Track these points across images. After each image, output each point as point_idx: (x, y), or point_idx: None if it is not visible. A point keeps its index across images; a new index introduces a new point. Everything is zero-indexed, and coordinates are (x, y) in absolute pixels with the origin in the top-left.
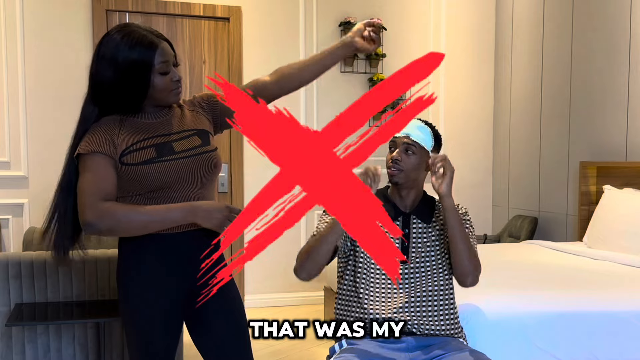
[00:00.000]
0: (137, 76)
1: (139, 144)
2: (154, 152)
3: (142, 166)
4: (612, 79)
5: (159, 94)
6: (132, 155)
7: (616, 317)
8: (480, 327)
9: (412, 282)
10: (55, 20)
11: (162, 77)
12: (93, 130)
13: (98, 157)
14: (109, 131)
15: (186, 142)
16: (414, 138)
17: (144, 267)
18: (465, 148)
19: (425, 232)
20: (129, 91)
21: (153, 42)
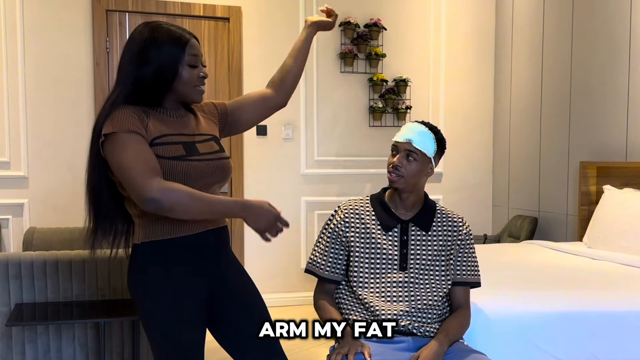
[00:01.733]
0: (166, 64)
1: (167, 137)
2: (182, 149)
3: (172, 161)
4: (612, 79)
5: (184, 87)
6: (162, 147)
7: (616, 317)
8: (480, 327)
9: (411, 291)
10: (55, 20)
11: (190, 70)
12: (124, 112)
13: (135, 136)
14: (139, 116)
15: (207, 145)
16: (416, 145)
17: (172, 266)
18: (465, 148)
19: (424, 241)
20: (156, 79)
21: (184, 36)
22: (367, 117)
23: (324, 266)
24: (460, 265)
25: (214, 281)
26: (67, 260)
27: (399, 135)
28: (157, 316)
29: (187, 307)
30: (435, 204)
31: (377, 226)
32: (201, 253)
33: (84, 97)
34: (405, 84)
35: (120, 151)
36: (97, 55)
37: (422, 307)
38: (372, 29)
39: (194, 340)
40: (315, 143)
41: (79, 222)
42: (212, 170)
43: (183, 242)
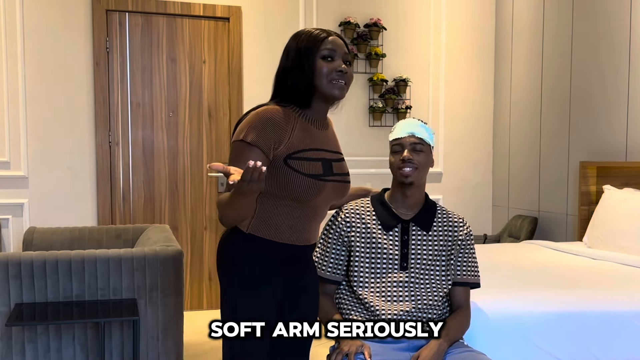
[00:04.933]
0: (304, 59)
1: (308, 152)
2: (320, 167)
3: (308, 178)
4: (612, 79)
5: (321, 81)
6: (301, 162)
7: (616, 317)
8: (480, 327)
9: (412, 291)
10: (55, 21)
11: (325, 62)
12: (265, 120)
13: (258, 153)
14: (281, 126)
15: (340, 165)
16: (419, 135)
17: (272, 270)
18: (465, 148)
19: (425, 241)
20: (299, 75)
21: (322, 33)
22: (367, 117)
23: (326, 267)
24: (461, 266)
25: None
26: (67, 260)
27: (399, 132)
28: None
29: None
30: (436, 204)
31: (378, 226)
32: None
33: (84, 97)
34: (405, 83)
35: (236, 160)
36: (97, 55)
37: (423, 307)
38: (372, 29)
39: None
40: None
41: (79, 222)
42: (337, 190)
43: (286, 249)
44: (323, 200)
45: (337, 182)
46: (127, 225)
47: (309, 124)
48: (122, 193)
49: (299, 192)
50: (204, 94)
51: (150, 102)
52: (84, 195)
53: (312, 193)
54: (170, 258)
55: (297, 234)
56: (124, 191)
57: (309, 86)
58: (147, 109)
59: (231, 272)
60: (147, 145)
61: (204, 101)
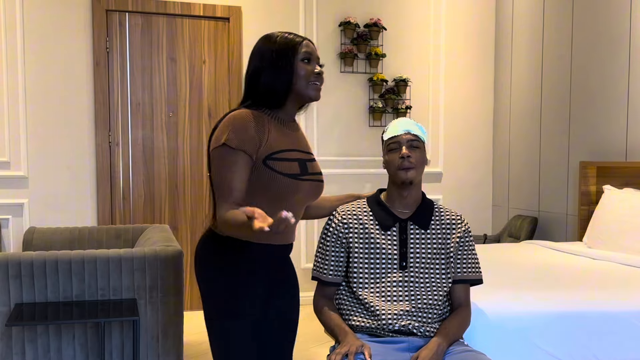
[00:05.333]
0: (282, 60)
1: (285, 153)
2: (297, 167)
3: (286, 178)
4: (612, 79)
5: (300, 82)
6: (280, 163)
7: (616, 317)
8: (480, 327)
9: (411, 290)
10: (55, 20)
11: (304, 65)
12: (244, 123)
13: (242, 156)
14: (259, 128)
15: (314, 165)
16: (415, 132)
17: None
18: (465, 148)
19: (423, 239)
20: (276, 78)
21: (297, 37)
22: (367, 117)
23: (327, 270)
24: (461, 263)
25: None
26: (67, 260)
27: (395, 130)
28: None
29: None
30: (433, 202)
31: (376, 226)
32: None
33: (84, 97)
34: (405, 84)
35: (222, 165)
36: (97, 55)
37: (423, 306)
38: (372, 29)
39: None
40: (315, 143)
41: (79, 222)
42: (314, 190)
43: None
44: (300, 200)
45: (312, 182)
46: (127, 225)
47: (281, 125)
48: (122, 193)
49: (278, 192)
50: (204, 94)
51: (150, 102)
52: (83, 195)
53: (291, 192)
54: (170, 258)
55: (276, 234)
56: (124, 191)
57: (287, 86)
58: (147, 109)
59: (211, 275)
60: (147, 145)
61: (204, 101)
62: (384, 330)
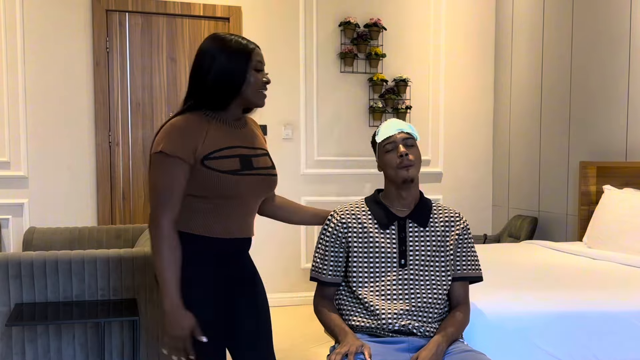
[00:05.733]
0: (236, 67)
1: (224, 151)
2: (238, 163)
3: (226, 175)
4: (612, 79)
5: (250, 90)
6: (218, 161)
7: (616, 317)
8: (480, 327)
9: (411, 289)
10: (55, 20)
11: (255, 74)
12: (179, 130)
13: (179, 163)
14: (194, 133)
15: (262, 160)
16: (407, 130)
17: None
18: (465, 148)
19: (422, 236)
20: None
21: (250, 44)
22: (367, 117)
23: (326, 270)
24: (460, 261)
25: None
26: (67, 260)
27: (387, 131)
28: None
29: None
30: (431, 200)
31: (375, 224)
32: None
33: (84, 97)
34: (405, 84)
35: (158, 170)
36: (97, 55)
37: (423, 305)
38: (372, 29)
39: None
40: (315, 143)
41: (79, 222)
42: (262, 185)
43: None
44: (249, 195)
45: (259, 176)
46: (127, 225)
47: (222, 124)
48: (122, 193)
49: (219, 190)
50: None
51: (150, 102)
52: (84, 195)
53: (233, 188)
54: None
55: (229, 229)
56: (124, 191)
57: (234, 91)
58: (147, 109)
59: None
60: (147, 145)
61: None
62: (384, 330)
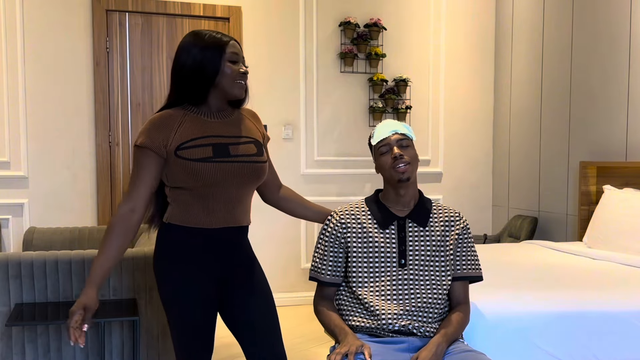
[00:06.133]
0: (209, 59)
1: (197, 140)
2: (210, 151)
3: (197, 163)
4: (612, 79)
5: (226, 81)
6: (189, 150)
7: (616, 317)
8: (480, 327)
9: (411, 289)
10: (55, 20)
11: (231, 65)
12: (152, 124)
13: (148, 154)
14: (167, 126)
15: (242, 147)
16: (402, 131)
17: (194, 254)
18: (465, 148)
19: (422, 236)
20: (200, 75)
21: (224, 37)
22: (367, 117)
23: (325, 270)
24: (460, 260)
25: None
26: (67, 260)
27: (382, 133)
28: (173, 295)
29: (199, 289)
30: (431, 200)
31: (374, 225)
32: (218, 244)
33: (84, 97)
34: (405, 84)
35: (134, 164)
36: (97, 55)
37: (423, 305)
38: (372, 29)
39: (205, 320)
40: (315, 143)
41: (79, 222)
42: (243, 172)
43: (203, 232)
44: (229, 182)
45: (238, 163)
46: None
47: (201, 116)
48: (122, 193)
49: (194, 178)
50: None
51: (150, 102)
52: (84, 195)
53: (207, 176)
54: None
55: (210, 217)
56: (124, 191)
57: (208, 82)
58: (147, 109)
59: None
60: None
61: None
62: (384, 330)
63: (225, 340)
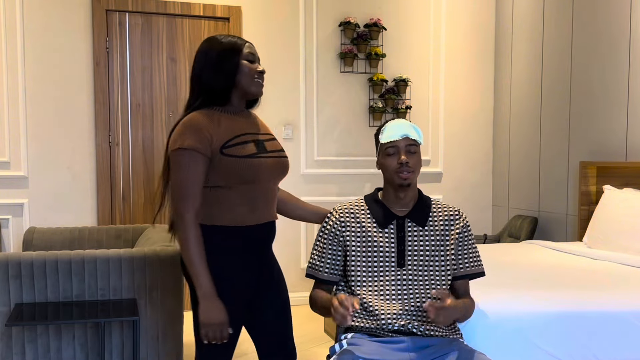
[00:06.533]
0: (227, 59)
1: (239, 138)
2: (254, 147)
3: (246, 159)
4: (612, 79)
5: (245, 80)
6: (234, 148)
7: (616, 317)
8: (480, 327)
9: (410, 288)
10: (55, 20)
11: (248, 64)
12: (191, 126)
13: (196, 156)
14: (206, 126)
15: (272, 144)
16: (412, 137)
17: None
18: (465, 148)
19: (421, 236)
20: (221, 75)
21: (240, 40)
22: (367, 117)
23: (322, 268)
24: (462, 258)
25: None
26: (67, 260)
27: (392, 135)
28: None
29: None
30: (430, 199)
31: (373, 224)
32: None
33: (84, 97)
34: (405, 84)
35: (177, 168)
36: (97, 55)
37: (422, 304)
38: (372, 29)
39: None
40: (315, 143)
41: (79, 222)
42: (277, 166)
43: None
44: (267, 178)
45: (274, 158)
46: (127, 225)
47: (231, 115)
48: (122, 193)
49: (241, 175)
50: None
51: (150, 102)
52: (84, 195)
53: (253, 171)
54: (170, 258)
55: (254, 214)
56: (124, 191)
57: (229, 83)
58: (147, 109)
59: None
60: (147, 145)
61: None
62: (384, 330)
63: None
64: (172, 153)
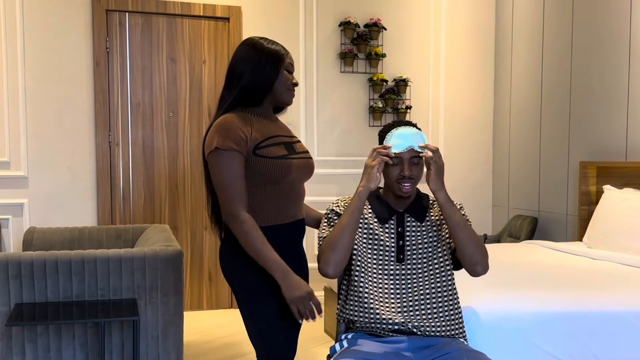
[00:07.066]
0: (271, 66)
1: (271, 139)
2: (284, 149)
3: (278, 160)
4: (612, 79)
5: (281, 88)
6: (267, 149)
7: (616, 317)
8: (480, 327)
9: (410, 282)
10: (55, 20)
11: (287, 74)
12: (227, 127)
13: (235, 155)
14: (241, 127)
15: (300, 145)
16: (417, 149)
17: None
18: (465, 148)
19: (420, 231)
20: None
21: (283, 49)
22: (367, 117)
23: None
24: None
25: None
26: (67, 260)
27: (398, 145)
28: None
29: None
30: (427, 195)
31: (374, 219)
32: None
33: (84, 97)
34: (405, 83)
35: (219, 169)
36: (97, 55)
37: (421, 298)
38: (372, 28)
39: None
40: (315, 143)
41: (79, 222)
42: (305, 167)
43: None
44: (296, 178)
45: (302, 159)
46: (127, 225)
47: (261, 118)
48: (122, 193)
49: (273, 175)
50: (204, 94)
51: (150, 102)
52: (84, 195)
53: (285, 172)
54: (170, 258)
55: (284, 213)
56: (124, 191)
57: (267, 87)
58: (147, 109)
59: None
60: (147, 145)
61: (204, 101)
62: (384, 330)
63: (225, 340)
64: (210, 155)
